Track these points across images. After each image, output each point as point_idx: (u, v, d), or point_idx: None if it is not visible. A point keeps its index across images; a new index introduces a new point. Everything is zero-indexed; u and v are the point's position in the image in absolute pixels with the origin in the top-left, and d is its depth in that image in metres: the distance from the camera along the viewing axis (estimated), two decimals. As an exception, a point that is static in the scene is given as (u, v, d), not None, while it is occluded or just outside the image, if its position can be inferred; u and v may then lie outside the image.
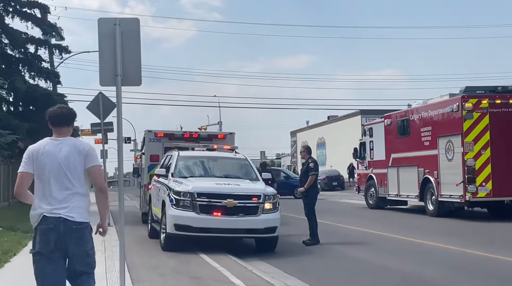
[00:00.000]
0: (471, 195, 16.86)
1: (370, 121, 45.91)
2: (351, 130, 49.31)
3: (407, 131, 20.59)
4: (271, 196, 11.53)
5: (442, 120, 18.40)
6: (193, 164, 13.09)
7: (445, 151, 18.06)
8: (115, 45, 7.23)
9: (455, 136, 17.55)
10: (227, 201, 11.06)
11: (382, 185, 22.44)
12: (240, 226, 11.19)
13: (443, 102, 18.46)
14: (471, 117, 17.05)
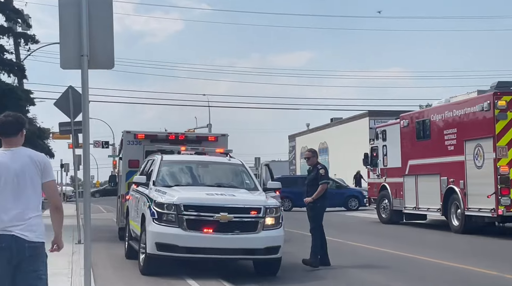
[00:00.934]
0: (505, 208, 16.00)
1: (380, 123, 45.88)
2: (358, 134, 48.71)
3: (427, 134, 19.77)
4: (273, 209, 10.69)
5: (469, 121, 17.58)
6: (179, 170, 12.30)
7: (474, 157, 17.23)
8: (81, 17, 6.33)
9: (486, 140, 16.73)
10: (221, 215, 10.26)
11: (398, 196, 21.60)
12: (236, 245, 10.39)
13: (471, 100, 17.64)
14: (505, 118, 16.22)
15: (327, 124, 58.86)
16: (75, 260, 12.32)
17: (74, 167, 17.88)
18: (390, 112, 46.16)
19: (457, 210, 18.04)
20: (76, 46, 6.34)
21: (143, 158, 15.76)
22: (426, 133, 19.90)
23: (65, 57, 6.38)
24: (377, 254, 14.26)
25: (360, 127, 49.14)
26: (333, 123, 57.43)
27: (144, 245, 10.78)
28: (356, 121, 50.80)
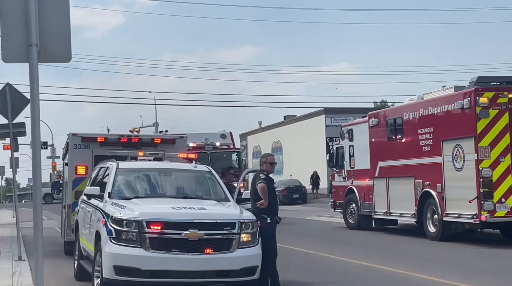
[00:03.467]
0: (488, 213, 15.37)
1: (336, 121, 45.43)
2: (314, 132, 48.18)
3: (400, 134, 19.05)
4: (249, 224, 9.67)
5: (448, 119, 16.92)
6: (138, 179, 11.16)
7: (452, 158, 16.58)
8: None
9: (466, 140, 16.09)
10: (190, 232, 9.19)
11: (366, 200, 20.90)
12: (208, 267, 9.33)
13: (448, 97, 16.99)
14: (487, 116, 15.59)
15: (281, 122, 58.07)
16: (17, 283, 11.13)
17: (13, 169, 16.70)
18: (347, 109, 45.72)
19: (433, 216, 17.40)
20: (22, 33, 5.19)
21: (92, 164, 14.75)
22: (398, 133, 19.19)
23: (8, 47, 5.21)
24: (352, 267, 13.49)
25: (316, 125, 48.55)
26: (287, 121, 56.68)
27: (99, 268, 9.62)
28: (312, 119, 50.14)
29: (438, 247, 16.40)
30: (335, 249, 16.17)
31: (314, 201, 41.25)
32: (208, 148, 25.23)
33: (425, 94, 18.94)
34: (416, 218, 18.28)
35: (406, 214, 18.84)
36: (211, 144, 25.52)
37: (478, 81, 16.43)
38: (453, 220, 16.73)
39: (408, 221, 19.59)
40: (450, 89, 17.61)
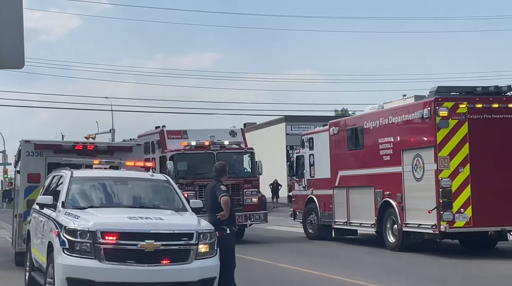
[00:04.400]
0: (447, 224, 15.57)
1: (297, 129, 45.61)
2: (274, 140, 48.31)
3: (360, 143, 19.24)
4: (207, 234, 9.65)
5: (407, 129, 17.14)
6: (93, 188, 11.05)
7: (412, 168, 16.77)
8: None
9: (426, 150, 16.30)
10: (146, 242, 9.13)
11: (326, 210, 21.03)
12: (165, 278, 9.27)
13: (409, 107, 17.20)
14: (447, 126, 15.81)
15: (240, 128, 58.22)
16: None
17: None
18: (308, 117, 46.05)
19: (393, 226, 17.57)
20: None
21: (45, 172, 14.63)
22: (358, 142, 19.36)
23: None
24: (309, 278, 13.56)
25: (276, 133, 48.74)
26: (246, 129, 56.66)
27: (51, 280, 9.50)
28: (272, 126, 50.37)
29: (397, 257, 16.58)
30: (295, 260, 16.21)
31: (274, 210, 41.25)
32: (215, 147, 21.22)
33: (385, 103, 19.16)
34: (376, 228, 18.42)
35: (366, 224, 19.00)
36: (218, 143, 21.37)
37: (438, 91, 16.70)
38: (413, 230, 16.89)
39: (368, 231, 19.75)
40: (410, 99, 17.87)
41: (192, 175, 20.86)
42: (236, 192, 20.61)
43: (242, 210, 20.73)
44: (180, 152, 21.08)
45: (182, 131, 22.24)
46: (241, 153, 22.22)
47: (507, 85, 17.33)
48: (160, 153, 21.76)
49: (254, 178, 21.77)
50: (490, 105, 16.11)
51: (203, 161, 20.85)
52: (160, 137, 21.97)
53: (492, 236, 16.36)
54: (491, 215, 15.82)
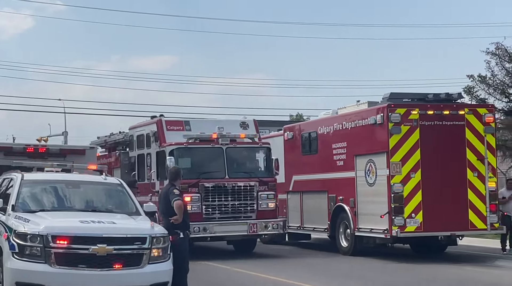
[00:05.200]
0: (399, 229, 15.81)
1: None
2: None
3: (314, 148, 19.43)
4: (161, 238, 9.72)
5: (361, 135, 17.33)
6: (45, 191, 10.96)
7: (365, 173, 17.01)
8: None
9: (379, 155, 16.52)
10: (98, 247, 9.17)
11: (280, 214, 21.06)
12: (117, 283, 9.32)
13: (362, 113, 17.43)
14: (399, 132, 16.05)
15: None
16: None
17: None
18: (263, 122, 45.94)
19: (346, 230, 17.76)
20: None
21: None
22: (312, 147, 19.55)
23: None
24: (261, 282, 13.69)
25: None
26: None
27: (0, 285, 9.40)
28: None
29: (348, 261, 16.78)
30: (247, 264, 16.19)
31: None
32: (224, 141, 17.78)
33: (339, 109, 19.39)
34: (329, 233, 18.63)
35: (319, 229, 19.18)
36: (227, 136, 17.97)
37: (390, 97, 16.97)
38: (365, 235, 17.12)
39: (321, 235, 19.94)
40: (363, 105, 18.11)
41: (197, 174, 17.40)
42: (249, 195, 17.77)
43: (257, 217, 17.73)
44: (182, 146, 17.57)
45: (184, 122, 18.87)
46: (255, 148, 18.71)
47: (457, 93, 17.75)
48: (157, 147, 18.29)
49: (271, 179, 18.22)
50: (441, 112, 16.42)
51: (210, 157, 17.96)
52: (158, 129, 18.31)
53: (442, 240, 16.63)
54: (441, 220, 16.10)
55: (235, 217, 17.48)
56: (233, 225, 17.36)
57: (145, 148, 19.06)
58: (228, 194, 17.47)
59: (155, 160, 18.26)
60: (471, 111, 16.65)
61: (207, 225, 16.92)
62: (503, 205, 17.04)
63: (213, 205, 17.30)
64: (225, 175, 17.57)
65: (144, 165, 18.95)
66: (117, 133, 22.33)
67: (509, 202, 17.09)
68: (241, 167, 18.24)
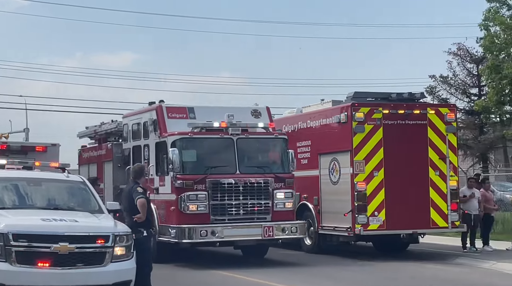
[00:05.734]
0: (362, 227, 15.96)
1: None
2: None
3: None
4: (124, 237, 9.62)
5: (325, 133, 17.44)
6: (5, 189, 10.74)
7: (329, 172, 17.15)
8: None
9: (342, 154, 16.67)
10: (60, 245, 9.05)
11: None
12: (79, 282, 9.21)
13: (326, 111, 17.57)
14: (363, 131, 16.20)
15: None
16: None
17: None
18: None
19: (310, 228, 17.81)
20: None
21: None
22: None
23: None
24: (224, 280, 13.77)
25: None
26: None
27: (-41, 284, 9.21)
28: None
29: (312, 259, 16.83)
30: (210, 263, 16.18)
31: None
32: (234, 131, 15.60)
33: (304, 107, 19.48)
34: (292, 230, 18.64)
35: None
36: (238, 125, 15.76)
37: (354, 96, 17.12)
38: (329, 233, 17.26)
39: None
40: (328, 103, 18.23)
41: (203, 168, 15.34)
42: (264, 193, 15.58)
43: (272, 219, 15.57)
44: (186, 136, 15.40)
45: (188, 109, 16.51)
46: (270, 139, 16.42)
47: (420, 93, 18.00)
48: (156, 138, 16.05)
49: (288, 175, 16.11)
50: (404, 111, 16.61)
51: (219, 149, 15.85)
52: (158, 116, 16.10)
53: (404, 238, 16.77)
54: (404, 218, 16.30)
55: (248, 218, 15.36)
56: (246, 228, 15.20)
57: (141, 139, 17.01)
58: (239, 192, 15.32)
59: (154, 152, 16.20)
60: (434, 111, 16.88)
61: (216, 228, 14.82)
62: (464, 203, 17.27)
63: (222, 205, 15.23)
64: (236, 170, 15.46)
65: (140, 158, 16.86)
66: (109, 122, 19.92)
67: (470, 200, 17.32)
68: (254, 161, 16.22)
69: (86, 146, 21.46)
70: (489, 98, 22.31)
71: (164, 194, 15.70)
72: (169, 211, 15.39)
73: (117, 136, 19.23)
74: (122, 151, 17.96)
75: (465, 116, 38.30)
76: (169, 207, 15.39)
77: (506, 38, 21.18)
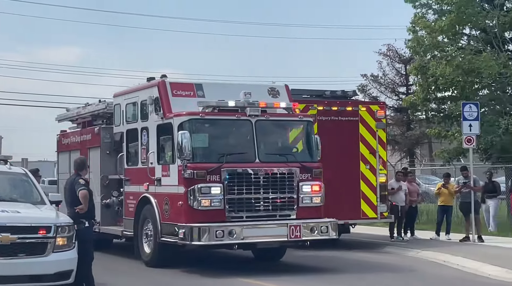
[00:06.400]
0: (298, 217, 15.98)
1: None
2: None
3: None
4: (66, 227, 9.56)
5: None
6: None
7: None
8: None
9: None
10: (2, 235, 9.01)
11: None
12: (20, 271, 9.15)
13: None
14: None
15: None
16: None
17: None
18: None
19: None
20: None
21: None
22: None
23: None
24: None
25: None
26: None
27: None
28: None
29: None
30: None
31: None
32: (253, 112, 13.01)
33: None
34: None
35: None
36: (256, 105, 13.14)
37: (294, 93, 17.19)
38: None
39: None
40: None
41: (216, 156, 12.80)
42: (288, 186, 13.10)
43: (297, 216, 13.12)
44: (197, 116, 12.81)
45: (195, 85, 13.88)
46: (294, 122, 13.99)
47: (352, 90, 18.28)
48: (159, 119, 13.45)
49: (315, 164, 13.64)
50: (337, 108, 16.85)
51: (234, 133, 13.42)
52: (160, 94, 13.43)
53: (336, 228, 17.03)
54: (336, 209, 16.43)
55: (269, 216, 12.90)
56: (269, 227, 12.71)
57: (138, 121, 14.46)
58: (259, 185, 12.75)
59: (155, 137, 13.65)
60: (365, 108, 17.17)
61: (234, 228, 12.31)
62: (392, 195, 17.62)
63: (240, 200, 12.62)
64: (255, 157, 12.92)
65: (136, 142, 14.44)
66: (95, 103, 16.97)
67: (397, 192, 17.68)
68: (276, 147, 13.84)
69: (65, 131, 18.66)
70: (417, 95, 22.90)
71: (169, 186, 13.07)
72: (175, 206, 12.78)
73: (105, 119, 16.46)
74: (111, 135, 15.43)
75: (394, 113, 39.15)
76: (175, 201, 12.78)
77: (431, 41, 21.75)
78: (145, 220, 13.72)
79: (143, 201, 13.83)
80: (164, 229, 12.96)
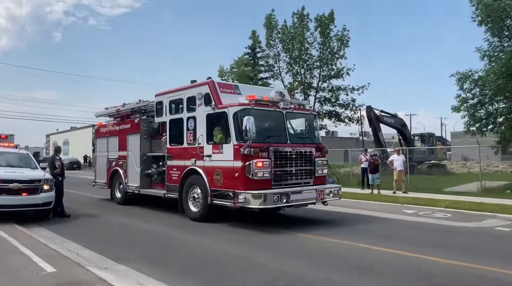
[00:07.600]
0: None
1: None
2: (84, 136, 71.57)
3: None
4: (49, 180, 16.04)
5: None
6: None
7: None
8: None
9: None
10: (14, 184, 15.21)
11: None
12: (25, 202, 15.39)
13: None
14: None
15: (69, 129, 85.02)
16: None
17: None
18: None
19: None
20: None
21: None
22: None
23: None
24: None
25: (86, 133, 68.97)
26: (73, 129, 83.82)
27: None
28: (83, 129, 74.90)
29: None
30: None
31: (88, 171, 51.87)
32: (286, 105, 15.59)
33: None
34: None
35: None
36: (286, 101, 15.80)
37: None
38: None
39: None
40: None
41: (263, 137, 14.67)
42: (309, 161, 15.54)
43: (314, 183, 15.56)
44: (248, 107, 14.71)
45: (234, 86, 16.49)
46: (309, 115, 16.59)
47: None
48: (210, 109, 15.37)
49: (322, 146, 16.29)
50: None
51: (273, 121, 15.35)
52: (211, 90, 15.59)
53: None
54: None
55: (297, 183, 15.09)
56: (306, 192, 14.80)
57: (184, 112, 16.44)
58: (292, 160, 15.01)
59: (205, 123, 15.50)
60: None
61: (287, 194, 14.19)
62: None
63: (281, 171, 14.72)
64: (287, 140, 15.12)
65: (181, 129, 16.41)
66: (136, 102, 20.15)
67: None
68: (299, 133, 16.10)
69: (102, 123, 22.44)
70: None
71: (223, 160, 14.62)
72: (232, 176, 14.29)
73: (140, 114, 19.82)
74: (148, 124, 18.82)
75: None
76: (231, 173, 14.31)
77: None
78: (191, 186, 15.77)
79: (189, 171, 15.83)
80: (215, 193, 14.69)
